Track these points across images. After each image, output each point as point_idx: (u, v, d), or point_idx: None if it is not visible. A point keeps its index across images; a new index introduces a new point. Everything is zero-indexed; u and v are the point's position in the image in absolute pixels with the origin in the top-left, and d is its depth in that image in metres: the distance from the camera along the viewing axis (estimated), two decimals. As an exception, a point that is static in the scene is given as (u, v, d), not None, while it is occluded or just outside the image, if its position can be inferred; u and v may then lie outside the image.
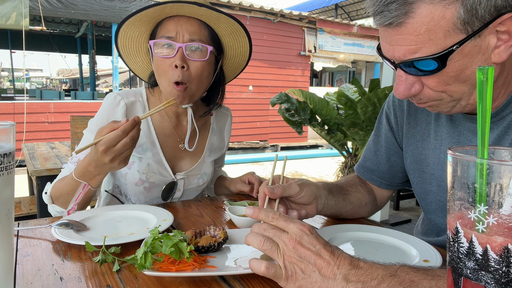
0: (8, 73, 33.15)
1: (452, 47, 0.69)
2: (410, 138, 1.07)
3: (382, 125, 1.16)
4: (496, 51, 0.71)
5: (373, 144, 1.19)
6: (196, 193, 1.45)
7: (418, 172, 1.05)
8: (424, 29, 0.69)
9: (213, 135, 1.46)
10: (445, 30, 0.69)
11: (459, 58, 0.71)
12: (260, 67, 9.37)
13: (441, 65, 0.72)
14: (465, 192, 0.42)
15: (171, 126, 1.34)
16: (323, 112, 4.29)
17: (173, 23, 1.16)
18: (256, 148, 9.54)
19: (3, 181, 0.58)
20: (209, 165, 1.44)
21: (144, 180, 1.28)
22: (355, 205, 1.12)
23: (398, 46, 0.74)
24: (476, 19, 0.67)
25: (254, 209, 0.73)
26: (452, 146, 0.45)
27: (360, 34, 10.97)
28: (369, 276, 0.62)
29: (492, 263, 0.40)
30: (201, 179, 1.42)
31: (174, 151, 1.35)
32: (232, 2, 8.48)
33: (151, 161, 1.29)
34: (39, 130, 7.13)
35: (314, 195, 0.97)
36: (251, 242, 0.69)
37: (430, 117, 1.02)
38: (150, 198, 1.33)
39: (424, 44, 0.71)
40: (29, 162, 2.46)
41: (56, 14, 7.03)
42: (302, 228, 0.67)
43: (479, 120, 0.43)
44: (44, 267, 0.79)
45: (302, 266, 0.65)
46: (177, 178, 1.34)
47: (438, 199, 1.01)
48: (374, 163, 1.18)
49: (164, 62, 1.16)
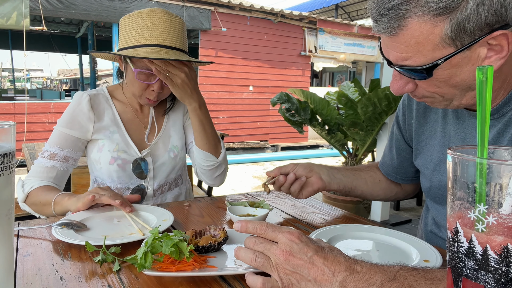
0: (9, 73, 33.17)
1: (439, 60, 0.73)
2: (420, 136, 1.11)
3: (394, 123, 1.23)
4: (486, 61, 0.72)
5: (388, 141, 1.27)
6: (173, 167, 1.50)
7: (425, 169, 1.08)
8: (413, 41, 0.73)
9: (172, 111, 1.55)
10: (434, 44, 0.72)
11: (448, 68, 0.74)
12: (261, 67, 9.37)
13: (428, 75, 0.76)
14: (464, 191, 0.42)
15: (133, 111, 1.48)
16: (324, 112, 4.29)
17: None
18: (257, 148, 9.54)
19: (3, 181, 0.58)
20: (178, 138, 1.51)
21: (116, 158, 1.39)
22: (368, 181, 1.22)
23: (392, 51, 0.78)
24: (465, 35, 0.69)
25: (242, 224, 0.72)
26: (452, 146, 0.45)
27: (360, 34, 10.96)
28: (367, 282, 0.60)
29: (492, 262, 0.40)
30: (171, 152, 1.49)
31: (139, 134, 1.47)
32: (233, 2, 8.48)
33: (119, 141, 1.42)
34: (39, 130, 7.13)
35: (310, 168, 1.14)
36: (242, 258, 0.69)
37: (438, 115, 1.05)
38: (126, 178, 1.42)
39: (413, 54, 0.75)
40: (30, 162, 2.46)
41: (57, 14, 7.03)
42: (291, 238, 0.66)
43: (478, 120, 0.44)
44: (44, 267, 0.79)
45: (297, 277, 0.64)
46: (143, 154, 1.44)
47: (441, 194, 1.03)
48: (389, 158, 1.26)
49: (144, 84, 1.33)
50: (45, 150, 1.36)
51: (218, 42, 8.61)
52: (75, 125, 1.37)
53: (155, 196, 1.48)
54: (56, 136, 1.36)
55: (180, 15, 8.27)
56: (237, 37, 8.88)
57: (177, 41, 1.30)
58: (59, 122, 1.38)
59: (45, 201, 1.23)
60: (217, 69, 8.67)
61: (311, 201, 1.35)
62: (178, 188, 1.55)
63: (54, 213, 1.20)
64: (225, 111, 8.90)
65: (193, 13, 8.07)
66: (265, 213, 1.08)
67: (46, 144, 1.37)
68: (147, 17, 1.26)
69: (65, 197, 1.18)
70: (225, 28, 8.58)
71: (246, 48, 9.05)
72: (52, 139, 1.37)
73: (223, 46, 8.71)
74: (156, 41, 1.25)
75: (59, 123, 1.38)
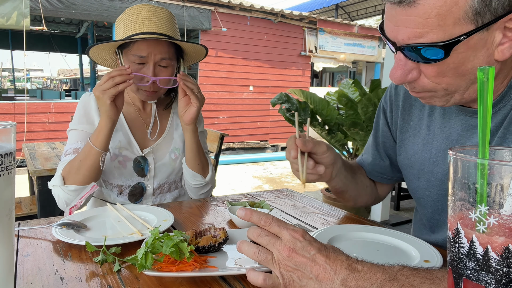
0: (9, 73, 33.17)
1: (460, 37, 0.67)
2: (403, 134, 1.08)
3: (379, 120, 1.17)
4: (499, 48, 0.70)
5: (372, 139, 1.20)
6: (173, 169, 1.51)
7: (409, 168, 1.06)
8: (434, 13, 0.66)
9: (175, 113, 1.58)
10: (456, 18, 0.66)
11: (463, 50, 0.69)
12: (261, 67, 9.37)
13: (445, 54, 0.69)
14: (465, 192, 0.42)
15: (136, 110, 1.50)
16: (324, 112, 4.29)
17: (145, 44, 1.31)
18: (257, 148, 9.54)
19: (3, 181, 0.58)
20: (180, 141, 1.53)
21: (118, 154, 1.42)
22: (359, 186, 1.17)
23: (404, 28, 0.70)
24: (488, 11, 0.65)
25: (246, 211, 0.71)
26: (453, 147, 0.45)
27: (360, 34, 10.96)
28: (368, 281, 0.61)
29: (493, 263, 0.40)
30: (172, 153, 1.51)
31: (141, 132, 1.49)
32: (233, 2, 8.48)
33: (122, 139, 1.44)
34: (39, 130, 7.13)
35: (335, 160, 1.02)
36: (245, 252, 0.69)
37: (423, 113, 1.02)
38: (127, 176, 1.44)
39: (431, 29, 0.67)
40: (30, 162, 2.46)
41: (57, 14, 7.03)
42: (295, 235, 0.66)
43: (479, 120, 0.43)
44: (45, 267, 0.79)
45: (298, 274, 0.64)
46: (144, 152, 1.46)
47: (427, 194, 1.01)
48: (375, 158, 1.19)
49: (137, 76, 1.33)
50: (68, 149, 1.36)
51: (218, 42, 8.61)
52: (88, 120, 1.40)
53: (154, 195, 1.49)
54: (74, 136, 1.39)
55: (180, 15, 8.21)
56: (237, 37, 8.88)
57: (163, 28, 1.33)
58: (72, 124, 1.41)
59: (82, 155, 1.26)
60: (217, 69, 8.66)
61: (311, 201, 1.35)
62: (178, 191, 1.57)
63: (98, 149, 1.24)
64: (225, 111, 8.90)
65: (193, 13, 8.07)
66: (266, 213, 1.08)
67: (65, 148, 1.38)
68: (132, 11, 1.34)
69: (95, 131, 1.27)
70: (225, 28, 8.58)
71: (246, 48, 9.05)
72: (70, 140, 1.39)
73: (223, 46, 8.71)
74: (141, 29, 1.30)
75: (72, 125, 1.41)
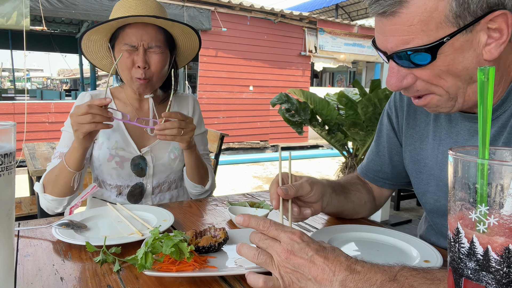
0: (9, 73, 33.18)
1: (443, 39, 0.71)
2: (408, 139, 1.07)
3: (383, 126, 1.16)
4: (487, 48, 0.72)
5: (375, 145, 1.19)
6: (172, 168, 1.51)
7: (416, 172, 1.06)
8: (417, 20, 0.71)
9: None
10: (437, 22, 0.70)
11: (450, 52, 0.72)
12: (261, 67, 9.37)
13: (432, 57, 0.73)
14: (466, 192, 0.42)
15: (134, 110, 1.50)
16: (324, 112, 4.29)
17: (134, 30, 1.32)
18: (257, 148, 9.54)
19: (3, 181, 0.58)
20: None
21: (114, 155, 1.42)
22: (355, 204, 1.13)
23: (392, 37, 0.75)
24: (468, 14, 0.69)
25: (245, 218, 0.72)
26: (453, 147, 0.45)
27: (360, 34, 10.96)
28: (367, 282, 0.61)
29: (493, 263, 0.40)
30: (172, 153, 1.50)
31: (139, 132, 1.49)
32: (233, 2, 8.48)
33: (118, 139, 1.44)
34: (39, 130, 7.13)
35: (322, 194, 0.98)
36: (245, 254, 0.70)
37: (429, 118, 1.02)
38: (125, 176, 1.44)
39: (416, 34, 0.72)
40: (30, 162, 2.46)
41: (57, 14, 7.03)
42: (293, 237, 0.67)
43: (480, 120, 0.43)
44: (45, 267, 0.79)
45: (297, 276, 0.64)
46: (143, 152, 1.46)
47: (436, 199, 1.01)
48: (377, 164, 1.18)
49: (128, 61, 1.33)
50: (56, 151, 1.40)
51: (218, 42, 8.61)
52: None
53: (154, 194, 1.49)
54: (64, 138, 1.41)
55: (180, 15, 8.22)
56: (237, 37, 8.88)
57: (151, 12, 1.33)
58: (66, 124, 1.42)
59: (57, 169, 1.28)
60: (217, 69, 8.67)
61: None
62: (177, 190, 1.57)
63: (70, 169, 1.25)
64: (225, 111, 8.90)
65: (193, 13, 8.07)
66: (265, 214, 1.08)
67: (56, 148, 1.41)
68: (121, 2, 1.36)
69: (69, 149, 1.25)
70: (225, 28, 8.58)
71: (246, 48, 9.06)
72: (61, 141, 1.42)
73: (223, 46, 8.71)
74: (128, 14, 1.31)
75: (65, 125, 1.42)
